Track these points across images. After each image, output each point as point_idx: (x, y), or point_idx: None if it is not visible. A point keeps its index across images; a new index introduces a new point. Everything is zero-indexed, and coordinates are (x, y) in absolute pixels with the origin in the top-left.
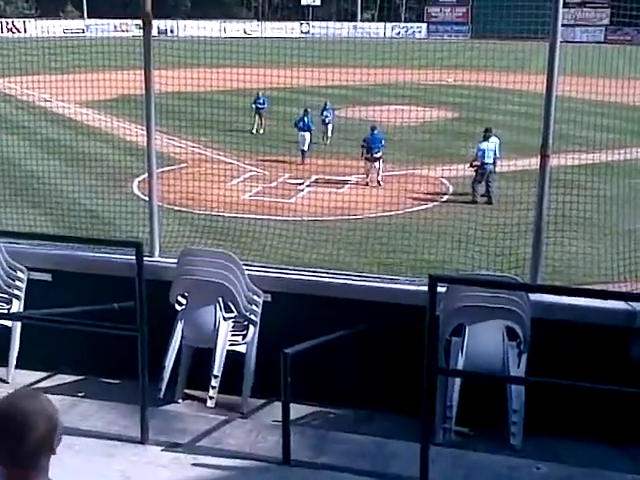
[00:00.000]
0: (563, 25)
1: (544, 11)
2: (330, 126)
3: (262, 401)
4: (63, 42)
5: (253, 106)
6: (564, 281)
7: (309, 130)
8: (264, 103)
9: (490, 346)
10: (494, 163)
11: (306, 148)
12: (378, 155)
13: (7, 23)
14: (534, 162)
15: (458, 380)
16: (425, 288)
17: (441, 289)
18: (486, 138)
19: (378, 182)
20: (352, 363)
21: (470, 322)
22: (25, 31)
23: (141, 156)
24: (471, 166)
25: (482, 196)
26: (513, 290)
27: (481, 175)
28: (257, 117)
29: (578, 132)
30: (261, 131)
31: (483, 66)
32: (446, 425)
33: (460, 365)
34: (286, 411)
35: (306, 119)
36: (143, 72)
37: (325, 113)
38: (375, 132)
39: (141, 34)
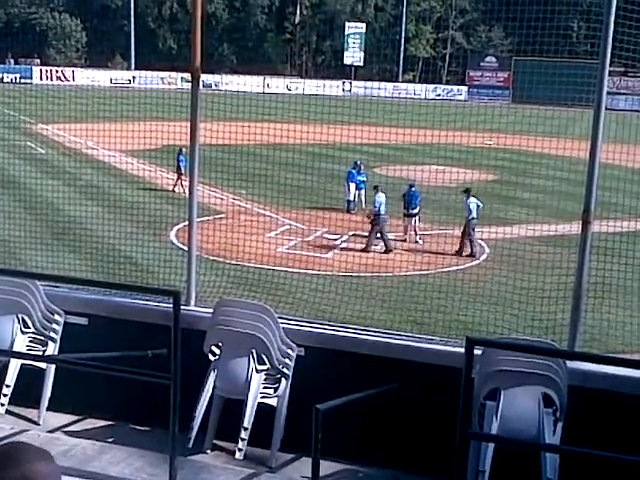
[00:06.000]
0: (608, 93)
1: (583, 79)
2: (363, 192)
3: (291, 455)
4: (110, 92)
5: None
6: (601, 349)
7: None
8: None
9: (525, 412)
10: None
11: (351, 198)
12: (415, 211)
13: (57, 71)
14: (569, 228)
15: (491, 445)
16: (459, 349)
17: (477, 351)
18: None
19: (416, 241)
20: (382, 421)
21: (506, 387)
22: (74, 79)
23: (180, 205)
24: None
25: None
26: (552, 356)
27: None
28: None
29: (619, 200)
30: (177, 190)
31: (524, 131)
32: None
33: (494, 430)
34: (316, 467)
35: (353, 171)
36: (189, 124)
37: (359, 177)
38: (413, 189)
39: (186, 87)
